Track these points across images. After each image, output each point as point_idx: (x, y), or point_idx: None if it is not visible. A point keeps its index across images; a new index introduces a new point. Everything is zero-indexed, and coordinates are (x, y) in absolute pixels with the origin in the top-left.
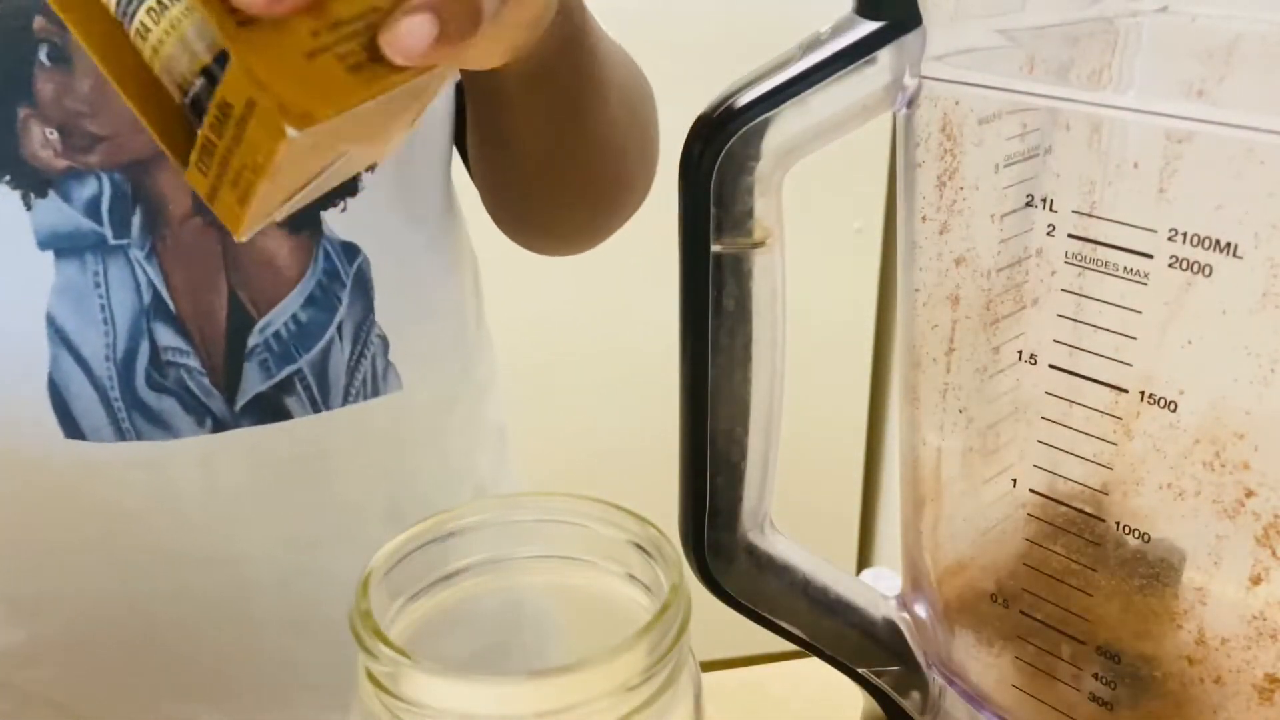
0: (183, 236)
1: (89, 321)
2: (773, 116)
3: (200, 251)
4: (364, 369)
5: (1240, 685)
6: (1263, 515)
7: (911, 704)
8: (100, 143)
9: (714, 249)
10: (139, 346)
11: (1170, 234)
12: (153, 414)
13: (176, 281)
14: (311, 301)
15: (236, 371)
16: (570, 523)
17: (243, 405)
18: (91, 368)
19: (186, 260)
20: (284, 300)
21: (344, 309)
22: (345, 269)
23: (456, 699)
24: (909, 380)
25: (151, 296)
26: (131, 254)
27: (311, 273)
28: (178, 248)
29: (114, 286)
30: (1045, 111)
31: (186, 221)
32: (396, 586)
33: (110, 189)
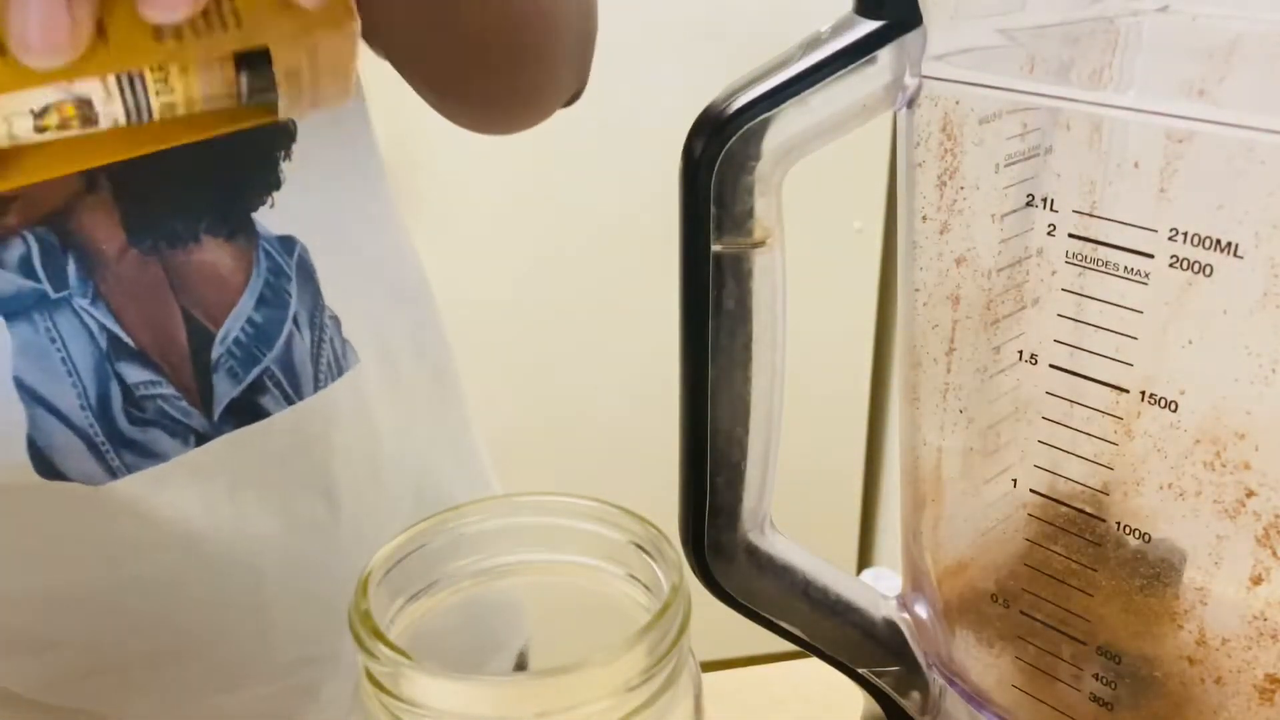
0: (122, 273)
1: (55, 376)
2: (773, 116)
3: (144, 283)
4: (326, 353)
5: (1241, 685)
6: (1263, 515)
7: (912, 704)
8: (11, 204)
9: (714, 249)
10: (110, 390)
11: (1171, 234)
12: (141, 447)
13: (129, 318)
14: (263, 301)
15: (208, 385)
16: (570, 523)
17: (220, 414)
18: (71, 420)
19: (133, 294)
20: (236, 307)
21: (294, 300)
22: (287, 262)
23: (456, 699)
24: (909, 380)
25: (107, 340)
26: (76, 303)
27: (256, 274)
28: (120, 284)
29: (69, 338)
30: (1045, 111)
31: (123, 256)
32: (396, 586)
33: (37, 245)
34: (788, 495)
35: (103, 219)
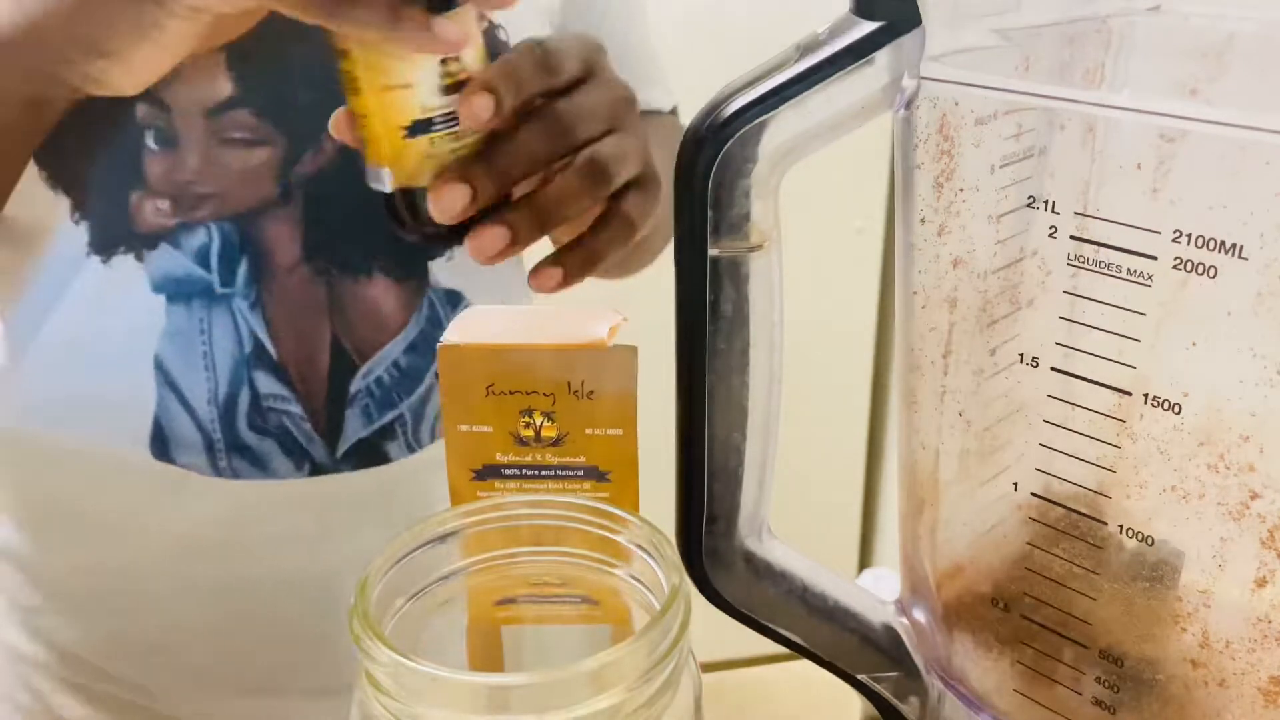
0: (288, 285)
1: (193, 366)
2: (770, 118)
3: (305, 300)
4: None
5: (1244, 688)
6: (1268, 518)
7: (910, 709)
8: (208, 199)
9: (711, 253)
10: (239, 392)
11: (1174, 235)
12: (254, 455)
13: (280, 329)
14: (413, 348)
15: (339, 417)
16: (570, 523)
17: (344, 451)
18: (195, 410)
19: (290, 309)
20: (386, 347)
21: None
22: (448, 314)
23: (456, 699)
24: (907, 383)
25: (253, 345)
26: (235, 304)
27: (415, 321)
28: (283, 296)
29: (217, 334)
30: (1041, 111)
31: (293, 271)
32: (396, 586)
33: (219, 238)
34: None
35: (286, 231)
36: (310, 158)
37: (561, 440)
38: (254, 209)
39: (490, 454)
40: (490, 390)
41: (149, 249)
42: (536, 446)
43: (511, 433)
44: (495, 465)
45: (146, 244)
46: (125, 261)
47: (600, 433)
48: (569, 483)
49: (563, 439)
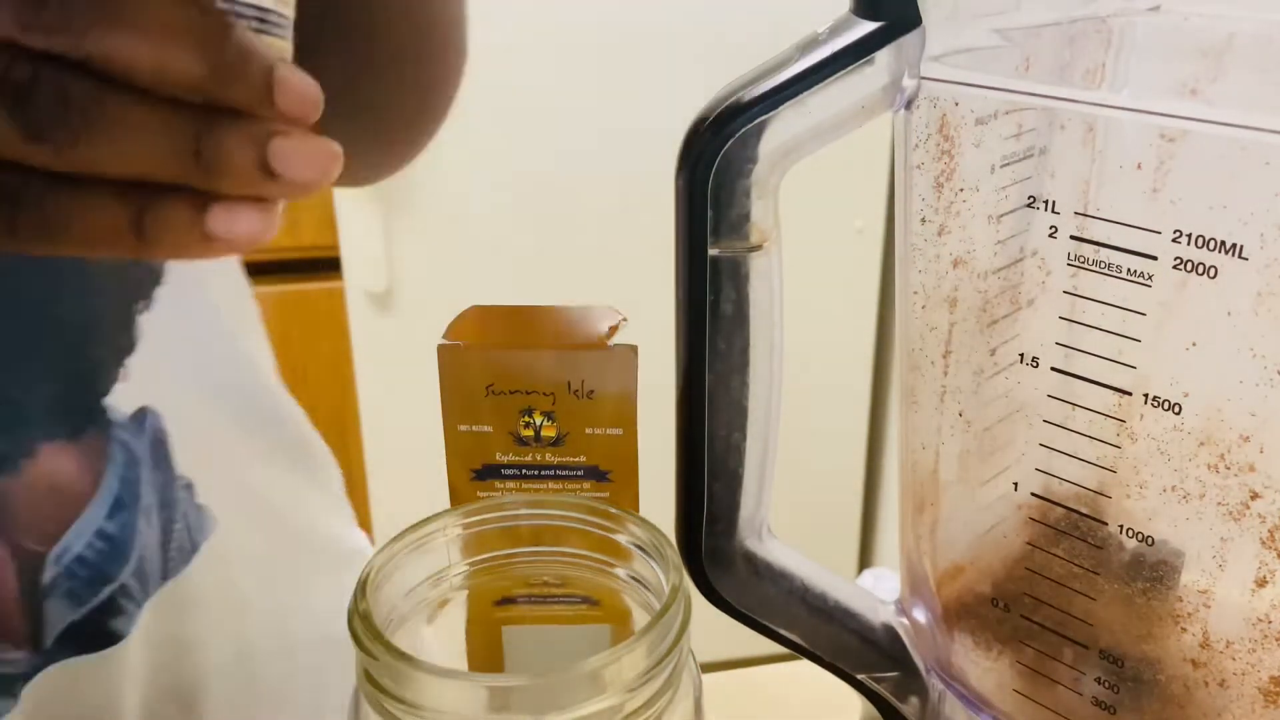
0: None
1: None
2: (770, 118)
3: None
4: (178, 535)
5: (1245, 688)
6: (1268, 518)
7: (910, 709)
8: None
9: (711, 253)
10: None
11: (1175, 235)
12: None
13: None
14: (119, 505)
15: (37, 618)
16: (570, 523)
17: (54, 642)
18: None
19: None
20: (79, 521)
21: (146, 490)
22: (139, 443)
23: (456, 699)
24: (907, 383)
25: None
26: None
27: (110, 473)
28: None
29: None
30: (1041, 111)
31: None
32: (396, 586)
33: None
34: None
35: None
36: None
37: (562, 440)
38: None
39: (490, 454)
40: (490, 390)
41: None
42: (536, 446)
43: (511, 432)
44: (495, 465)
45: None
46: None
47: (600, 432)
48: (569, 483)
49: (563, 439)
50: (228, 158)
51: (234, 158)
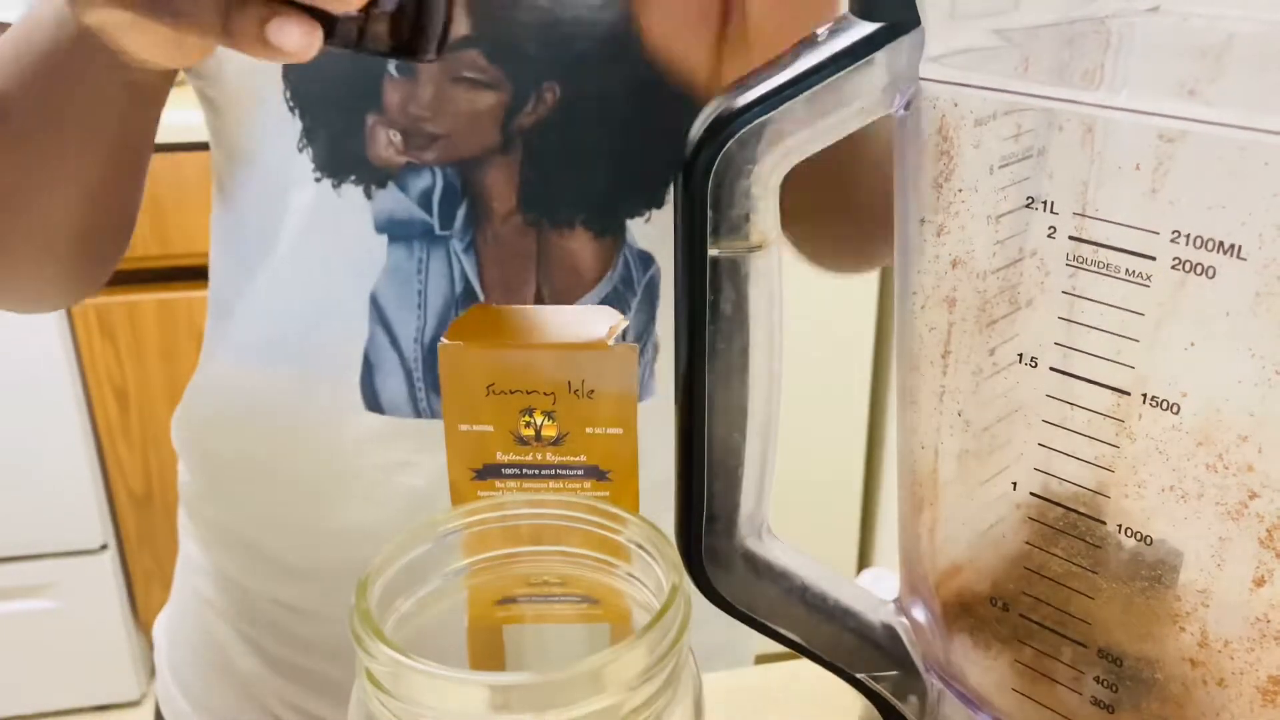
0: (502, 233)
1: (406, 305)
2: (770, 119)
3: (516, 248)
4: (639, 372)
5: (1243, 687)
6: (1266, 517)
7: (910, 708)
8: (436, 141)
9: (711, 253)
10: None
11: (1173, 235)
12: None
13: (489, 275)
14: (605, 302)
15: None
16: (570, 523)
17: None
18: (402, 347)
19: (501, 255)
20: (582, 299)
21: (631, 314)
22: (639, 277)
23: (456, 699)
24: (906, 383)
25: (463, 287)
26: (452, 245)
27: (609, 278)
28: (496, 243)
29: (433, 274)
30: (1040, 112)
31: (508, 219)
32: (397, 586)
33: (442, 182)
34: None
35: (504, 179)
36: (531, 107)
37: (562, 440)
38: (477, 156)
39: (491, 453)
40: (491, 390)
41: (379, 186)
42: (537, 446)
43: (512, 432)
44: (496, 465)
45: (377, 180)
46: (354, 195)
47: (600, 432)
48: (569, 482)
49: (563, 438)
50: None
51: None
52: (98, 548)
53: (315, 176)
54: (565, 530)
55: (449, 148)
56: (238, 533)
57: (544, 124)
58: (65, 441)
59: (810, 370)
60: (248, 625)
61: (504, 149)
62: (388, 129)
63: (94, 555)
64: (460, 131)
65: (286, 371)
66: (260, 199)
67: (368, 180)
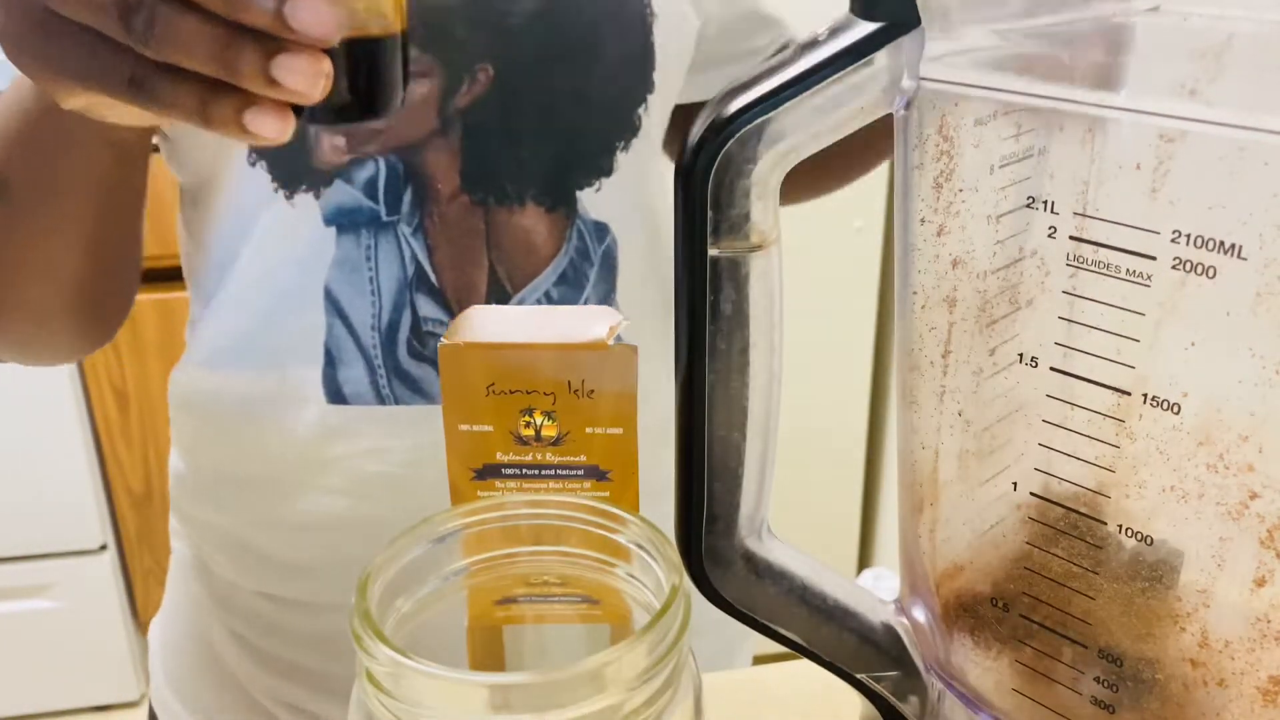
0: (449, 214)
1: (359, 292)
2: (770, 119)
3: (464, 228)
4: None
5: (1244, 687)
6: (1267, 518)
7: (910, 709)
8: (377, 133)
9: (711, 253)
10: (401, 317)
11: (1173, 235)
12: (412, 381)
13: (440, 256)
14: (563, 279)
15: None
16: (570, 522)
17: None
18: (359, 335)
19: (450, 236)
20: (538, 277)
21: (590, 287)
22: (595, 248)
23: (456, 699)
24: (907, 383)
25: (415, 269)
26: (400, 229)
27: (564, 251)
28: (444, 224)
29: (382, 260)
30: (1040, 112)
31: (453, 200)
32: (397, 586)
33: (385, 170)
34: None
35: (445, 161)
36: (466, 89)
37: (562, 439)
38: (417, 141)
39: (491, 453)
40: (491, 390)
41: (325, 186)
42: (537, 446)
43: (512, 432)
44: (496, 464)
45: (324, 181)
46: (305, 199)
47: (600, 432)
48: (569, 482)
49: (563, 438)
50: (244, 65)
51: (246, 66)
52: (97, 548)
53: (273, 188)
54: (565, 530)
55: (390, 137)
56: (224, 530)
57: (480, 104)
58: (65, 441)
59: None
60: (237, 622)
61: (443, 131)
62: (331, 137)
63: (94, 555)
64: (399, 121)
65: (253, 372)
66: (219, 217)
67: (317, 184)
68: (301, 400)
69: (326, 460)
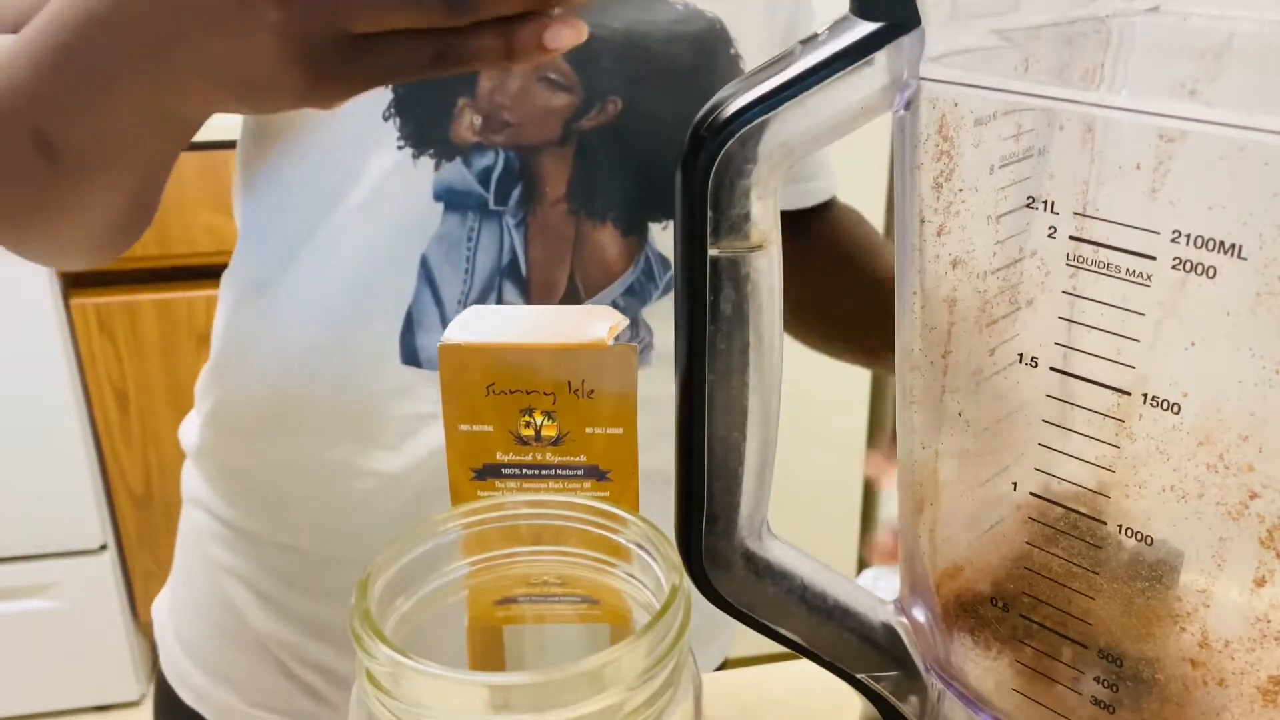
0: (549, 216)
1: (455, 267)
2: (770, 119)
3: (558, 232)
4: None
5: (1244, 687)
6: (1267, 517)
7: (910, 709)
8: (508, 127)
9: (711, 253)
10: (488, 299)
11: (1173, 235)
12: None
13: (533, 252)
14: (629, 291)
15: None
16: (570, 522)
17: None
18: (445, 307)
19: (546, 236)
20: (608, 287)
21: (653, 301)
22: (660, 274)
23: (456, 699)
24: (907, 383)
25: (509, 259)
26: (505, 220)
27: (633, 271)
28: (543, 224)
29: (482, 244)
30: (1040, 112)
31: (556, 205)
32: (397, 586)
33: (503, 164)
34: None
35: (558, 169)
36: (595, 113)
37: (562, 439)
38: (537, 145)
39: (491, 453)
40: (491, 390)
41: (448, 160)
42: (537, 446)
43: (512, 432)
44: (495, 465)
45: (448, 155)
46: (426, 166)
47: (600, 431)
48: (569, 482)
49: (563, 438)
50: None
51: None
52: (98, 548)
53: (399, 144)
54: (565, 530)
55: (516, 134)
56: (254, 479)
57: (601, 129)
58: (65, 442)
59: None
60: (260, 577)
61: (561, 143)
62: (473, 113)
63: (94, 555)
64: (530, 122)
65: (331, 325)
66: (322, 164)
67: (441, 155)
68: (374, 356)
69: (386, 418)
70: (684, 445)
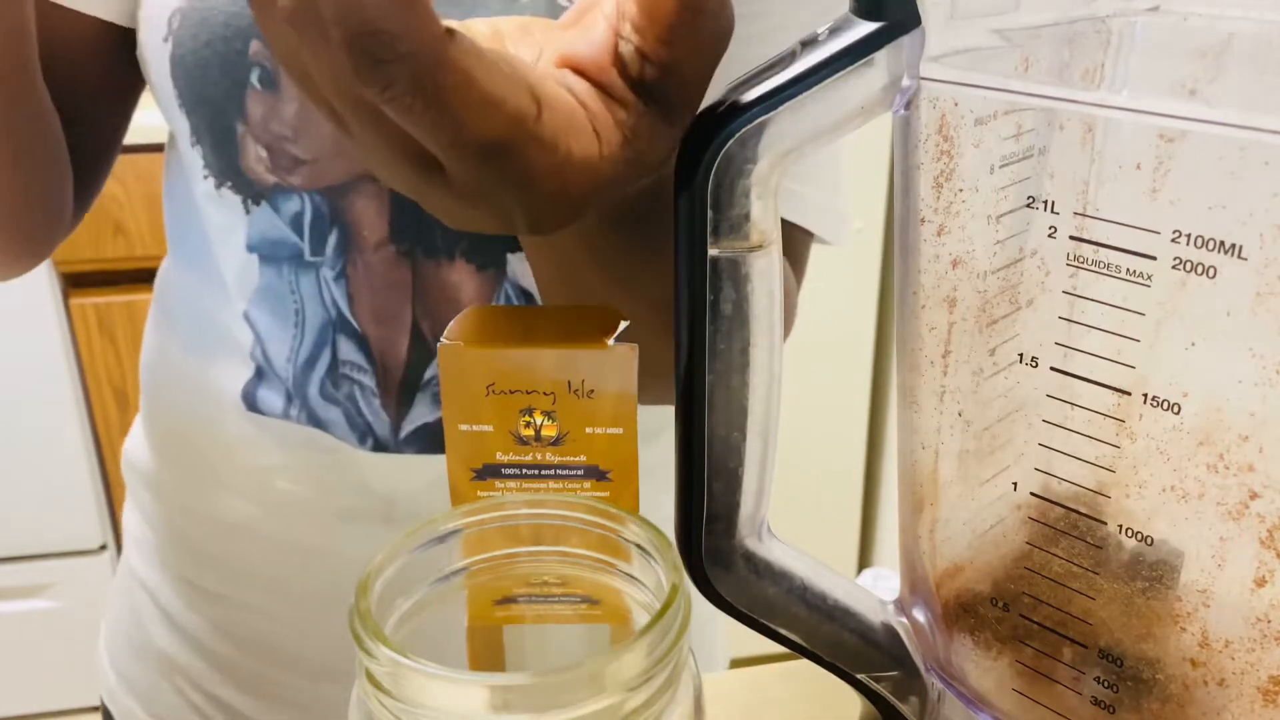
0: (374, 262)
1: (283, 322)
2: (770, 118)
3: (389, 278)
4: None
5: (1244, 688)
6: (1267, 518)
7: (910, 709)
8: (301, 165)
9: (711, 253)
10: (321, 354)
11: (1174, 235)
12: (319, 421)
13: (360, 304)
14: None
15: (408, 400)
16: (570, 522)
17: (407, 434)
18: (275, 365)
19: (374, 285)
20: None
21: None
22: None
23: (456, 699)
24: (906, 383)
25: (336, 314)
26: (322, 273)
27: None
28: (368, 272)
29: (307, 297)
30: (1040, 112)
31: (380, 249)
32: (396, 586)
33: (311, 209)
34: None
35: (374, 209)
36: None
37: (562, 439)
38: (345, 182)
39: (490, 453)
40: (490, 389)
41: (254, 203)
42: (537, 446)
43: (512, 432)
44: (495, 465)
45: (253, 196)
46: (235, 204)
47: (600, 432)
48: (569, 482)
49: (563, 438)
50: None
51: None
52: (97, 548)
53: (204, 174)
54: (565, 530)
55: (315, 173)
56: (157, 510)
57: None
58: (65, 442)
59: (810, 370)
60: (165, 595)
61: (373, 177)
62: (255, 143)
63: (94, 555)
64: (326, 157)
65: (194, 364)
66: (176, 188)
67: (244, 192)
68: (224, 402)
69: (235, 466)
70: (684, 445)
